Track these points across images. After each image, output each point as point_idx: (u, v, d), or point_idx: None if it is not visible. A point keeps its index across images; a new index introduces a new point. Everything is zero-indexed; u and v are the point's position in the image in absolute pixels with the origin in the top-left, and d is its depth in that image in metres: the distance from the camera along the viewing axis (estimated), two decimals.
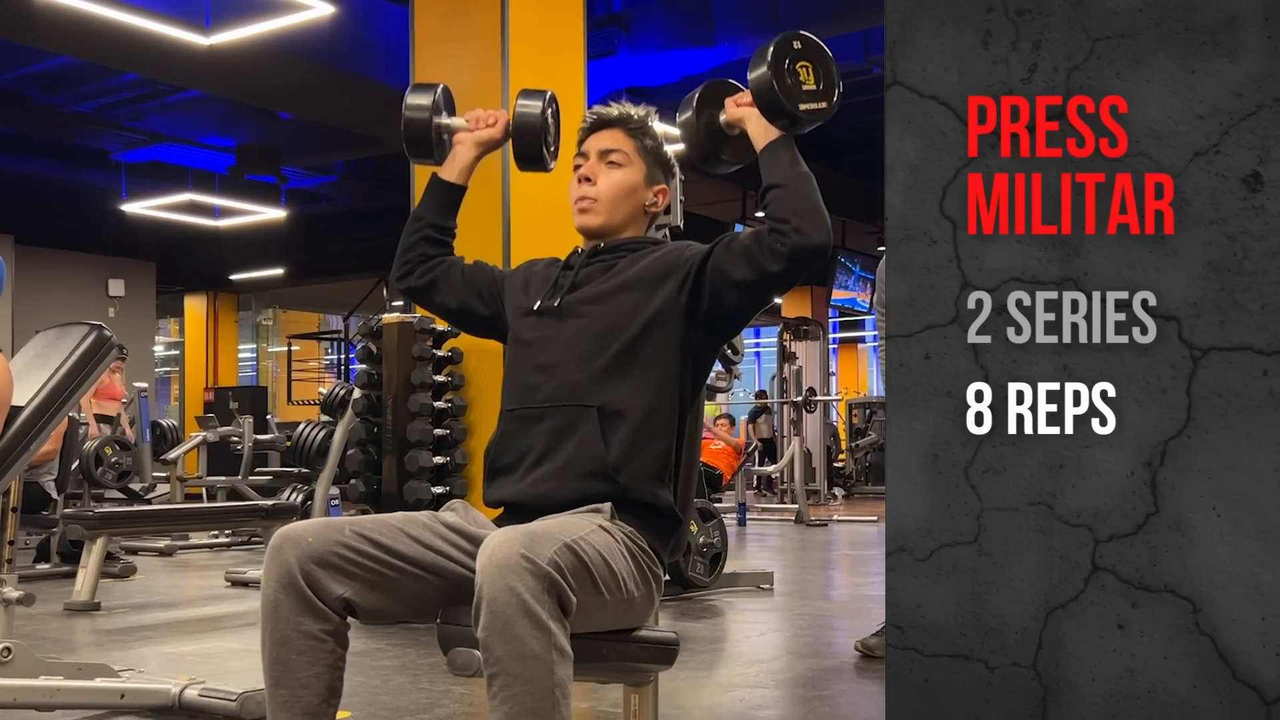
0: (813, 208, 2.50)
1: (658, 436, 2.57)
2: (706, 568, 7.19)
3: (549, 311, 2.69)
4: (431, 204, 2.93)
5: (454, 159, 2.94)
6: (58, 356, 4.05)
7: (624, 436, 2.54)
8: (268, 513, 7.88)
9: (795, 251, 2.46)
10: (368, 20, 11.46)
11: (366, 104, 12.20)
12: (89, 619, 6.54)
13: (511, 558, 2.13)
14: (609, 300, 2.64)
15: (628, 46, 11.95)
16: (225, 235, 18.83)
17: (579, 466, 2.53)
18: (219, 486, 12.11)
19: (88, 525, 7.02)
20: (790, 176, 2.54)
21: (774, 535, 12.50)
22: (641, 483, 2.53)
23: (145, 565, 9.13)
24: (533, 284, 2.79)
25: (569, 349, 2.62)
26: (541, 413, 2.60)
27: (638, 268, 2.68)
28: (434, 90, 2.97)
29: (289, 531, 2.40)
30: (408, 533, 2.47)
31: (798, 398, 15.21)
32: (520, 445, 2.62)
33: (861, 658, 5.15)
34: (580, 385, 2.58)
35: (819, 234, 2.48)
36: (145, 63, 11.63)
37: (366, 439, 6.89)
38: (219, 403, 18.48)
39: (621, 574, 2.40)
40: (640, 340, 2.59)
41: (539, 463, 2.58)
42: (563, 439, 2.56)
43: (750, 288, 2.54)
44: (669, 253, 2.69)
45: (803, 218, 2.48)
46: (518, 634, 2.10)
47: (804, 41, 2.60)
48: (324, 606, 2.36)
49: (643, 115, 2.83)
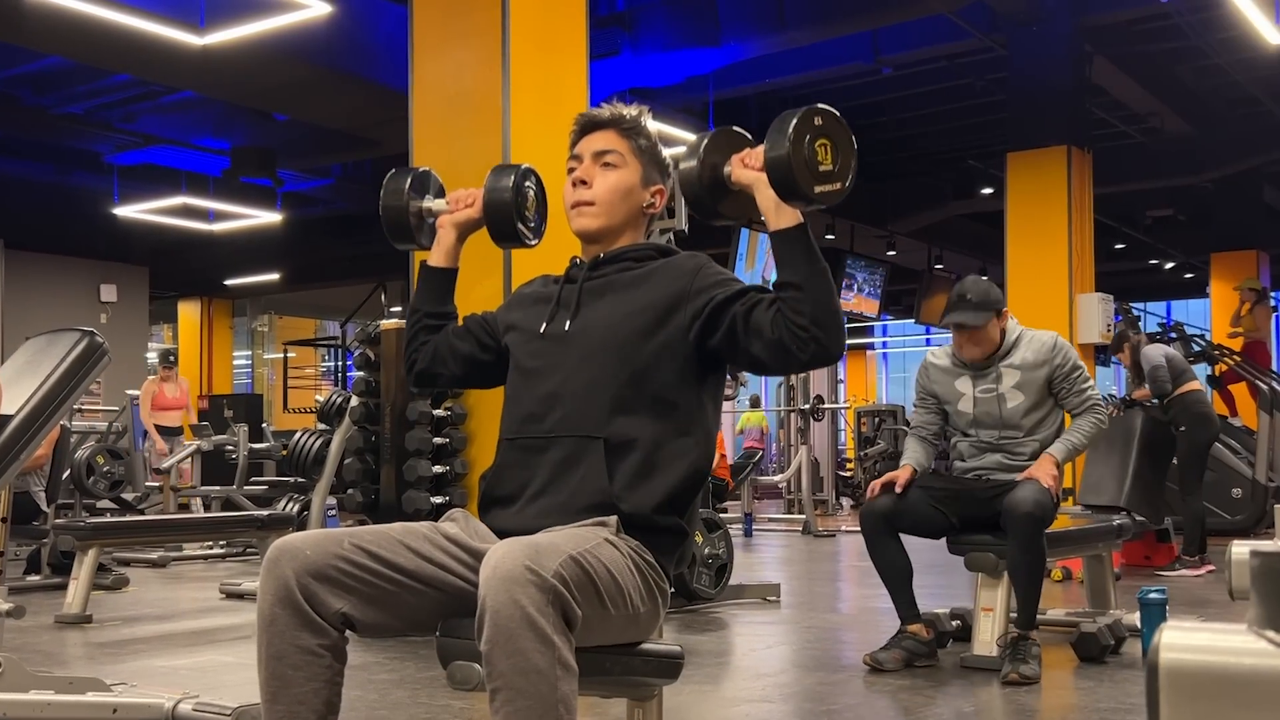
0: (831, 316, 2.47)
1: (665, 468, 2.56)
2: (712, 579, 7.19)
3: (554, 337, 2.69)
4: (425, 295, 2.99)
5: (438, 244, 2.97)
6: (48, 364, 4.05)
7: (630, 469, 2.53)
8: (263, 523, 7.87)
9: (812, 360, 2.49)
10: (366, 20, 11.47)
11: (364, 106, 12.21)
12: (80, 632, 6.55)
13: (516, 569, 2.13)
14: (617, 327, 2.63)
15: (631, 46, 11.96)
16: (220, 239, 18.85)
17: (581, 500, 2.52)
18: (213, 496, 12.11)
19: (79, 536, 7.03)
20: (808, 276, 2.47)
21: (781, 546, 12.50)
22: (647, 515, 2.53)
23: (138, 577, 9.14)
24: (531, 308, 2.80)
25: (575, 378, 2.61)
26: (546, 443, 2.60)
27: (644, 289, 2.67)
28: (410, 174, 2.99)
29: (286, 544, 2.40)
30: (407, 545, 2.46)
31: (805, 405, 15.21)
32: (520, 476, 2.62)
33: (870, 671, 5.15)
34: (588, 416, 2.57)
35: (835, 346, 2.49)
36: (138, 63, 11.64)
37: (364, 448, 6.89)
38: (214, 411, 18.55)
39: (627, 588, 2.40)
40: (650, 370, 2.59)
41: (540, 494, 2.57)
42: (566, 471, 2.55)
43: (760, 366, 2.57)
44: (677, 275, 2.67)
45: (822, 328, 2.46)
46: (521, 647, 2.09)
47: (825, 118, 2.51)
48: (322, 621, 2.36)
49: (636, 115, 2.81)
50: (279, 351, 24.72)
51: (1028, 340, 5.46)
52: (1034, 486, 5.14)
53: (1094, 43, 13.07)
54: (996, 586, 5.22)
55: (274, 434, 14.69)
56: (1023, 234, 12.81)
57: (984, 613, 5.25)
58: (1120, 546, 6.47)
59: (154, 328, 24.89)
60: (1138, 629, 5.50)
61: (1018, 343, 5.45)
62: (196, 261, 21.09)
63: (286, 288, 23.42)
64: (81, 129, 14.91)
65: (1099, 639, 5.39)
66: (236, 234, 18.30)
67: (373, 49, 11.53)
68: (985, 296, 5.46)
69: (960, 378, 5.51)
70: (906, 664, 5.21)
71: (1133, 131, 16.26)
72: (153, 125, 14.81)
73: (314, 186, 17.76)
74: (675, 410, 2.59)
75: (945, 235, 20.81)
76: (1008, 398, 5.37)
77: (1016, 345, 5.45)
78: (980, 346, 5.44)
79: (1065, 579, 8.33)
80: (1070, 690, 4.93)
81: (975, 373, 5.47)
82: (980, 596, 5.27)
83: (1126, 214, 19.41)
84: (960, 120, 16.67)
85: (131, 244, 18.94)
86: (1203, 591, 7.91)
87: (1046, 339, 5.46)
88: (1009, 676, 4.82)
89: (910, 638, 5.29)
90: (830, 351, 2.48)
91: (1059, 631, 5.89)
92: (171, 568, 10.12)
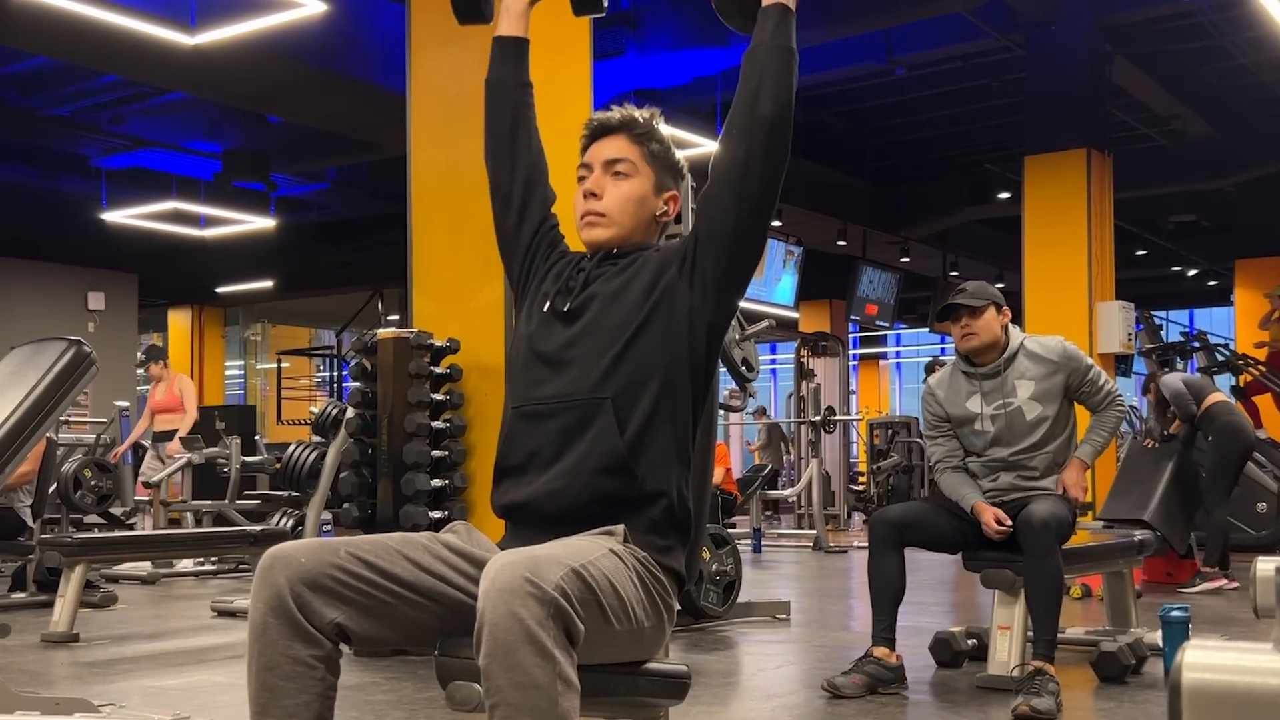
0: (774, 80, 2.61)
1: (673, 423, 2.60)
2: (720, 597, 7.18)
3: (558, 311, 2.73)
4: (505, 62, 3.00)
5: (508, 10, 3.00)
6: (34, 374, 4.05)
7: (638, 423, 2.57)
8: (256, 539, 7.87)
9: (748, 122, 2.60)
10: (362, 18, 11.49)
11: (360, 107, 12.23)
12: (67, 651, 6.55)
13: (515, 581, 2.13)
14: (616, 297, 2.68)
15: (636, 46, 11.97)
16: (211, 246, 18.87)
17: (593, 461, 2.55)
18: (204, 511, 12.10)
19: (66, 552, 7.02)
20: (767, 48, 2.64)
21: (791, 562, 12.49)
22: (658, 473, 2.56)
23: (126, 594, 9.14)
24: (554, 277, 2.83)
25: (578, 345, 2.66)
26: (551, 410, 2.63)
27: (641, 262, 2.73)
28: None
29: (280, 551, 2.40)
30: (406, 555, 2.46)
31: (816, 417, 15.20)
32: (528, 445, 2.64)
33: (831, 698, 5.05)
34: (591, 379, 2.61)
35: (768, 105, 2.60)
36: (127, 63, 11.66)
37: (360, 461, 6.89)
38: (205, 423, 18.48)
39: (631, 602, 2.40)
40: (647, 325, 2.63)
41: (551, 463, 2.60)
42: (575, 436, 2.58)
43: (726, 204, 2.63)
44: (669, 245, 2.77)
45: (761, 90, 2.60)
46: (520, 662, 2.09)
47: None
48: (315, 631, 2.35)
49: (648, 118, 2.83)
50: (272, 361, 24.73)
51: (1033, 346, 5.40)
52: (1051, 500, 5.13)
53: (1114, 42, 13.07)
54: (1014, 604, 5.20)
55: (267, 447, 14.69)
56: (1040, 240, 12.81)
57: (1000, 631, 5.23)
58: (1141, 563, 6.45)
59: (143, 336, 24.89)
60: (1159, 648, 5.48)
61: (1021, 350, 5.40)
62: (187, 268, 21.12)
63: (280, 295, 23.44)
64: (69, 131, 14.94)
65: (1120, 658, 5.38)
66: (229, 240, 18.31)
67: (369, 48, 11.55)
68: (982, 289, 5.45)
69: (971, 397, 5.43)
70: (869, 690, 5.09)
71: (1154, 134, 16.27)
72: (142, 128, 14.84)
73: (309, 191, 17.79)
74: (677, 366, 2.63)
75: (961, 241, 20.81)
76: (1025, 410, 5.33)
77: (1021, 353, 5.39)
78: (980, 336, 5.37)
79: (1085, 596, 8.32)
80: (1090, 712, 4.93)
81: (986, 388, 5.39)
82: (997, 614, 5.25)
83: (1148, 219, 19.42)
84: (976, 122, 16.68)
85: (120, 250, 18.96)
86: (1227, 609, 7.89)
87: (1053, 344, 5.41)
88: (1020, 709, 4.62)
89: (874, 661, 5.18)
90: (760, 109, 2.59)
91: (1079, 651, 5.88)
92: (161, 585, 10.13)
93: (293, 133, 14.73)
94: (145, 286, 20.45)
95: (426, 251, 7.13)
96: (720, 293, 2.67)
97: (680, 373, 2.63)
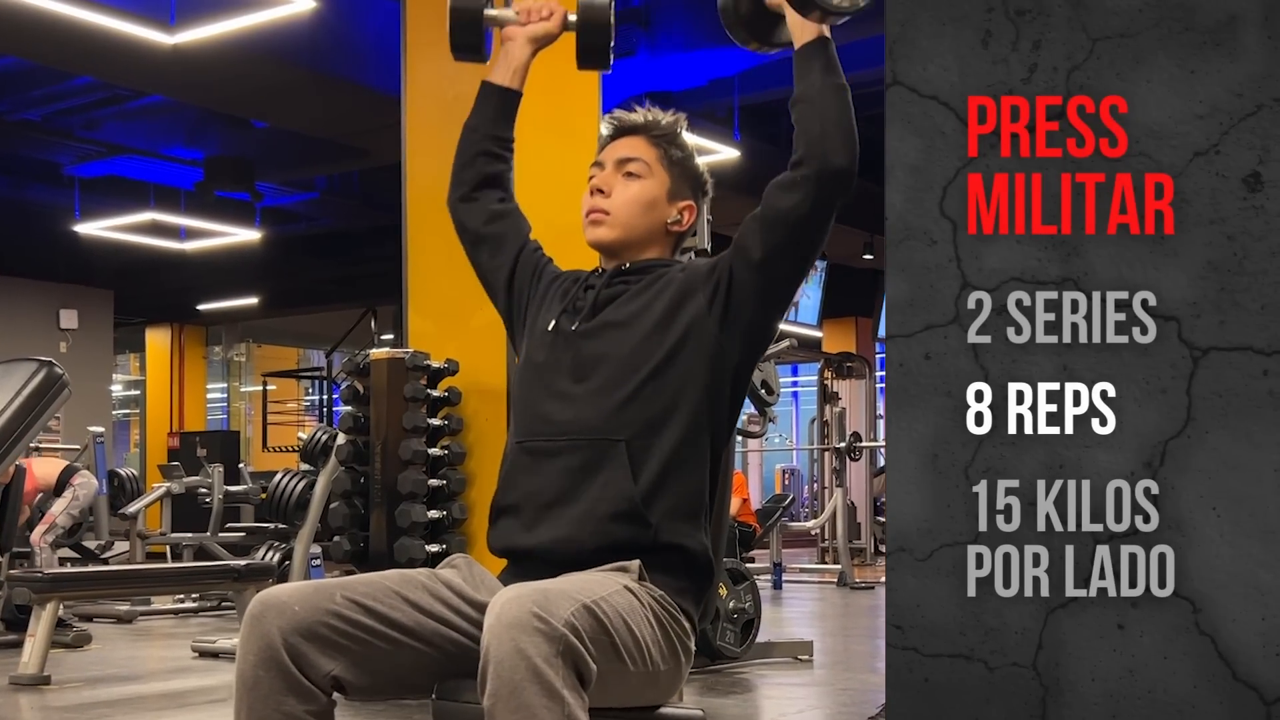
0: (839, 129, 2.56)
1: (691, 470, 2.57)
2: (737, 636, 7.16)
3: (566, 334, 2.69)
4: (485, 113, 2.93)
5: (507, 58, 2.91)
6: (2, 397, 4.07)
7: (653, 471, 2.53)
8: (240, 574, 7.87)
9: (819, 175, 2.54)
10: (353, 17, 11.50)
11: (351, 111, 12.25)
12: (38, 694, 6.55)
13: (523, 616, 2.11)
14: (632, 324, 2.65)
15: (648, 46, 11.98)
16: (192, 260, 18.87)
17: (604, 508, 2.52)
18: (185, 544, 12.11)
19: (36, 588, 7.01)
20: (820, 90, 2.59)
21: (814, 599, 12.49)
22: (674, 523, 2.53)
23: (101, 633, 9.13)
24: (556, 298, 2.79)
25: (589, 377, 2.62)
26: (557, 448, 2.60)
27: (660, 285, 2.69)
28: None
29: (271, 597, 2.37)
30: (405, 596, 2.43)
31: (840, 444, 15.19)
32: (527, 484, 2.61)
33: None
34: (603, 417, 2.57)
35: (840, 156, 2.54)
36: (101, 64, 11.67)
37: (352, 490, 6.89)
38: (185, 449, 18.54)
39: (646, 642, 2.38)
40: (668, 363, 2.59)
41: (553, 505, 2.56)
42: (584, 478, 2.55)
43: (775, 249, 2.59)
44: (693, 268, 2.72)
45: (828, 139, 2.54)
46: (526, 702, 2.08)
47: None
48: (310, 685, 2.33)
49: (671, 122, 2.83)
50: (257, 384, 24.72)
51: None
52: None
53: None
54: None
55: (252, 475, 14.66)
56: None
57: None
58: None
59: (119, 357, 24.95)
60: None
61: None
62: (166, 284, 21.12)
63: (266, 313, 23.45)
64: (39, 138, 14.95)
65: None
66: (211, 254, 18.31)
67: (361, 48, 11.57)
68: None
69: None
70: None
71: None
72: (118, 133, 14.85)
73: (296, 201, 17.79)
74: (698, 411, 2.59)
75: None
76: None
77: None
78: None
79: None
80: None
81: None
82: None
83: None
84: None
85: (94, 265, 18.99)
86: None
87: None
88: None
89: None
90: (832, 163, 2.53)
91: None
92: (139, 623, 10.12)
93: (279, 138, 14.74)
94: (121, 304, 20.49)
95: (423, 266, 7.14)
96: (752, 335, 2.65)
97: (702, 416, 2.59)
